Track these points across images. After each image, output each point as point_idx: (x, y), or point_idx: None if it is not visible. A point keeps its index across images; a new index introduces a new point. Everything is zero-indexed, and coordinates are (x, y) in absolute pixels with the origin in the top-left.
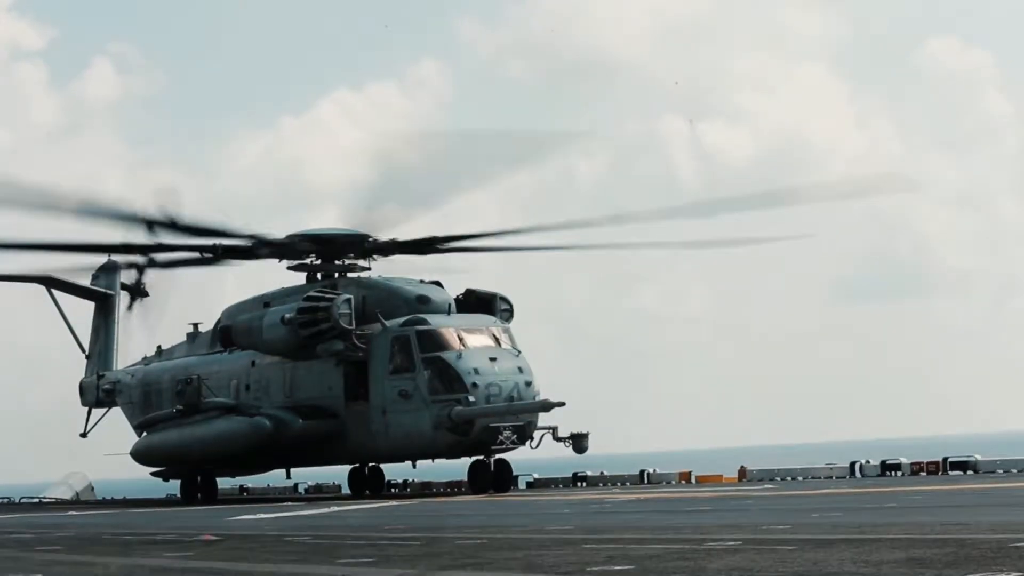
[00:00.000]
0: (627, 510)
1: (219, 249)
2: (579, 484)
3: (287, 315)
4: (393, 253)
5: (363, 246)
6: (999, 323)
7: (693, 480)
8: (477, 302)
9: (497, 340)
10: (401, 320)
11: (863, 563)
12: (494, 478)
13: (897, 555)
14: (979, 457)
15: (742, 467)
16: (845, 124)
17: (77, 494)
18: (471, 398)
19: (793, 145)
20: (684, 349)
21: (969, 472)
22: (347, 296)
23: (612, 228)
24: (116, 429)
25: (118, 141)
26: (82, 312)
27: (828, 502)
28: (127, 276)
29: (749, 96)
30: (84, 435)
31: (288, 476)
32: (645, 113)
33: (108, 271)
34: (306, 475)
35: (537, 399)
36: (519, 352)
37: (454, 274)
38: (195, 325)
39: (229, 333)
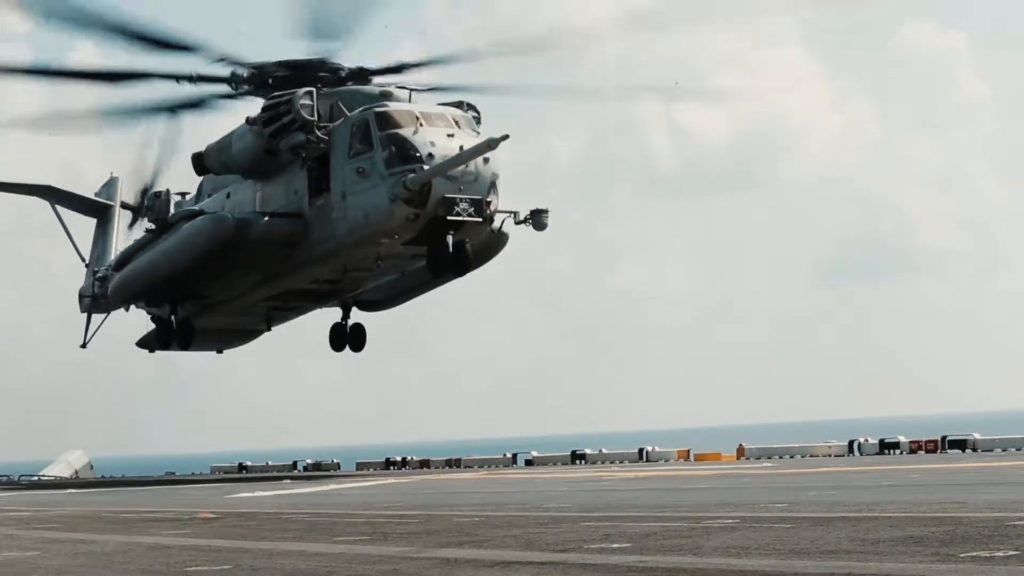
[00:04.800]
0: (625, 488)
1: (196, 76)
2: (578, 462)
3: (251, 116)
4: (364, 77)
5: (330, 68)
6: (984, 302)
7: (691, 458)
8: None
9: (457, 123)
10: (361, 108)
11: (860, 541)
12: (452, 259)
13: (894, 533)
14: (978, 436)
15: (740, 445)
16: (822, 106)
17: (76, 472)
18: (426, 167)
19: (770, 127)
20: (683, 328)
21: (968, 450)
22: (308, 89)
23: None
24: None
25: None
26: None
27: (826, 480)
28: (129, 196)
29: (725, 78)
30: (84, 345)
31: (265, 322)
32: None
33: (109, 186)
34: (304, 452)
35: (496, 175)
36: (479, 134)
37: None
38: (182, 194)
39: (201, 160)
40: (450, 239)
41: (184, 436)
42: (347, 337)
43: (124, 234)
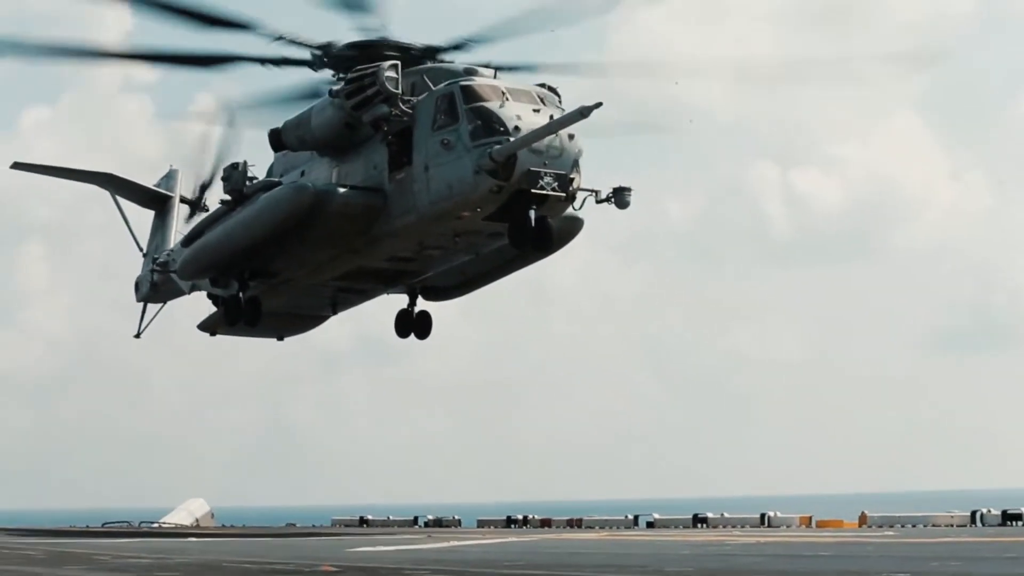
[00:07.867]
0: (747, 553)
1: (281, 60)
2: (699, 525)
3: (334, 88)
4: (432, 56)
5: (398, 47)
6: None
7: (814, 524)
8: None
9: (542, 100)
10: (446, 82)
11: None
12: (536, 234)
13: None
14: None
15: (863, 513)
16: (937, 175)
17: (197, 520)
18: (512, 140)
19: (885, 195)
20: (802, 393)
21: None
22: (393, 62)
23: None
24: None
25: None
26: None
27: (948, 550)
28: (187, 190)
29: (839, 145)
30: (138, 335)
31: (331, 306)
32: (732, 160)
33: (169, 178)
34: (425, 508)
35: (580, 151)
36: (563, 111)
37: None
38: (251, 179)
39: (278, 135)
40: (532, 214)
41: (303, 488)
42: (413, 324)
43: (182, 226)
